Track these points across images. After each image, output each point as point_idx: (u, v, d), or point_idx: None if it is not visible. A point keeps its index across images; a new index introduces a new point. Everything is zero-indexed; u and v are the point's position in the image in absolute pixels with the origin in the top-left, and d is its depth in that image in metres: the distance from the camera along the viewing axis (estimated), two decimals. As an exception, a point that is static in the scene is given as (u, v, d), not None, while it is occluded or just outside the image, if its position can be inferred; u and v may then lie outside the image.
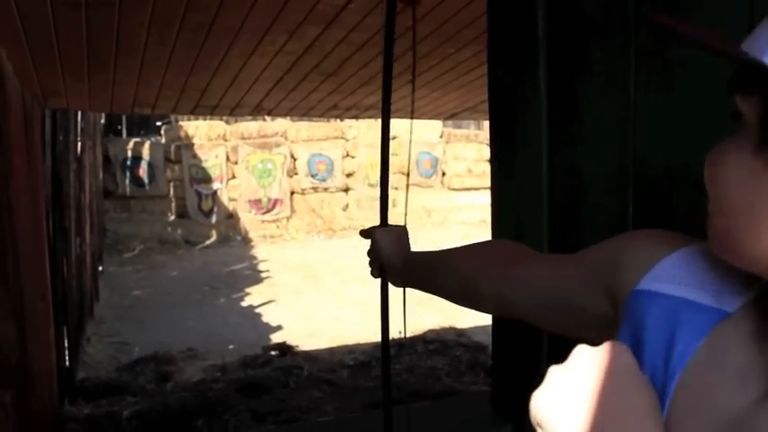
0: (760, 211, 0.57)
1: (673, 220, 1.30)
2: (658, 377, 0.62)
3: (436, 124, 16.45)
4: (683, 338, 0.62)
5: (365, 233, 1.40)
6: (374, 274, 1.39)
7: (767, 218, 0.56)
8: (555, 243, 1.58)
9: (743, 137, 0.58)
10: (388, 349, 1.52)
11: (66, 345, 5.53)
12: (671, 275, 0.67)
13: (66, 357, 5.56)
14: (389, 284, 1.40)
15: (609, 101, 1.41)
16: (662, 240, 0.72)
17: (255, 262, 13.02)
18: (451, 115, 5.70)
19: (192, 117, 14.52)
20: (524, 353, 1.75)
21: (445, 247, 1.21)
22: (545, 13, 1.54)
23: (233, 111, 5.16)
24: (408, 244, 1.34)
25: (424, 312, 8.79)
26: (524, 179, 1.64)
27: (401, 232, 1.37)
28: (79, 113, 7.63)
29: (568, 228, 1.53)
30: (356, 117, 5.75)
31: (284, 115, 5.79)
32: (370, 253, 1.38)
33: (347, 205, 16.64)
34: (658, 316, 0.65)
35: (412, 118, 1.95)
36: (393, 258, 1.31)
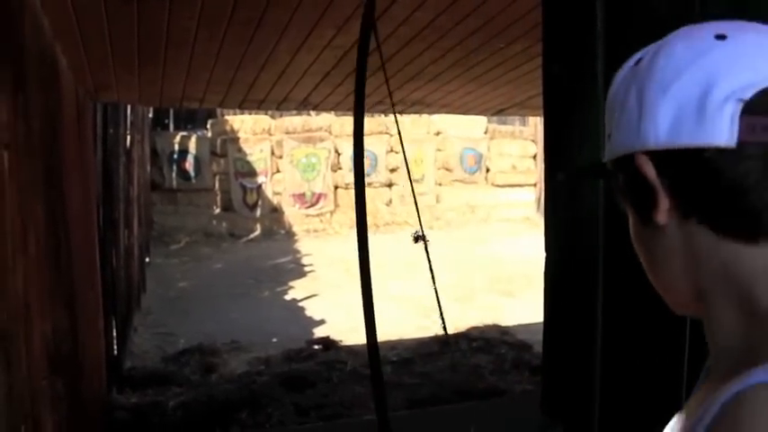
0: (660, 273, 0.69)
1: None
2: None
3: (481, 120, 16.32)
4: None
5: None
6: None
7: (665, 275, 0.69)
8: (610, 243, 1.54)
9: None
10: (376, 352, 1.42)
11: (114, 334, 5.64)
12: None
13: (115, 347, 5.67)
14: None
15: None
16: None
17: (299, 256, 13.10)
18: (498, 111, 5.63)
19: (237, 111, 14.67)
20: (577, 353, 1.71)
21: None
22: (604, 5, 1.50)
23: (280, 105, 5.18)
24: None
25: (466, 309, 8.74)
26: (580, 175, 1.59)
27: None
28: (129, 107, 7.76)
29: (626, 226, 1.48)
30: (402, 112, 5.72)
31: (330, 110, 5.79)
32: None
33: (390, 200, 16.63)
34: None
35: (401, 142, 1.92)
36: None
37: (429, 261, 1.87)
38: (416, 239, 1.80)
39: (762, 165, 0.59)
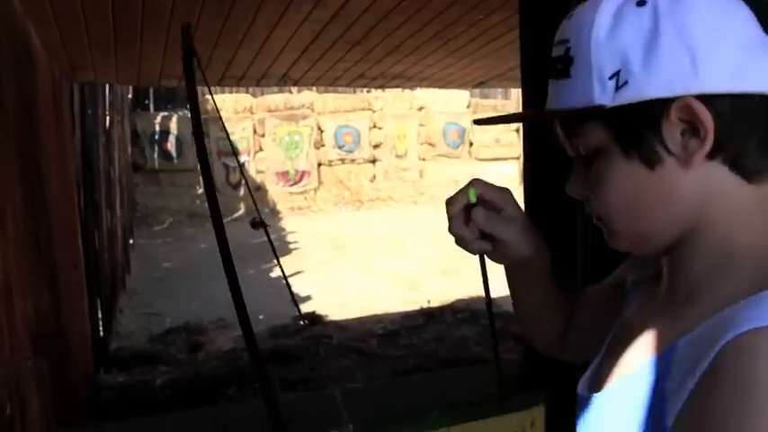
0: (649, 217, 0.68)
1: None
2: None
3: (463, 94, 16.29)
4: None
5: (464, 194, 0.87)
6: (475, 248, 0.90)
7: (654, 218, 0.68)
8: (589, 220, 1.55)
9: (592, 162, 0.71)
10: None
11: (99, 315, 5.63)
12: None
13: (100, 327, 5.66)
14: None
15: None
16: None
17: (284, 234, 13.08)
18: (479, 83, 5.63)
19: (218, 90, 14.55)
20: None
21: None
22: (577, -27, 1.50)
23: (259, 81, 5.14)
24: None
25: (452, 282, 8.79)
26: (558, 144, 1.60)
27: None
28: (107, 88, 7.67)
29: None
30: (383, 87, 5.70)
31: (311, 85, 5.76)
32: (482, 219, 0.87)
33: (374, 176, 16.62)
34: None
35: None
36: (528, 243, 0.91)
37: (272, 244, 1.90)
38: (254, 225, 1.80)
39: None
